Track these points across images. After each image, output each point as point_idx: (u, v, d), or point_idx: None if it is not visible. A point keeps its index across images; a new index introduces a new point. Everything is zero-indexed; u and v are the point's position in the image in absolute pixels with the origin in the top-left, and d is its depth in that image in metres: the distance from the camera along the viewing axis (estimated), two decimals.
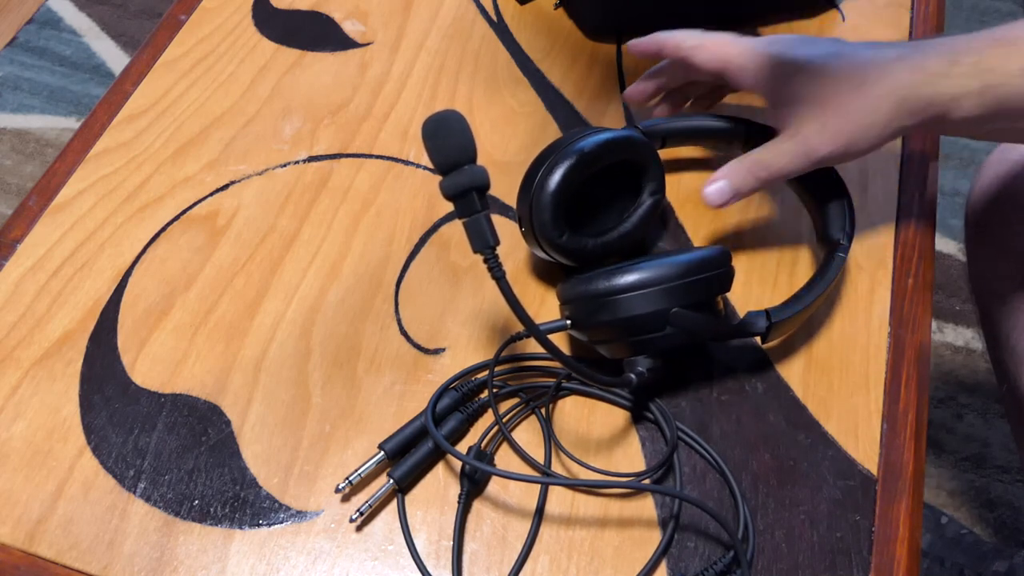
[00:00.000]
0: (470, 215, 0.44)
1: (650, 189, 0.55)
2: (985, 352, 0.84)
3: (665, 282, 0.47)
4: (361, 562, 0.47)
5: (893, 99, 0.48)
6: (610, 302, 0.47)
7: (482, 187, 0.44)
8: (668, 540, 0.47)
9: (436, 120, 0.44)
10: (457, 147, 0.44)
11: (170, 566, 0.47)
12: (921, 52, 0.48)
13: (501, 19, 0.71)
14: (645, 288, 0.47)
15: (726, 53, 0.53)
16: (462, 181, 0.43)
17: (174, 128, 0.64)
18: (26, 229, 0.59)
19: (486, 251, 0.44)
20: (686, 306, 0.47)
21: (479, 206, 0.44)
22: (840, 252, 0.53)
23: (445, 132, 0.44)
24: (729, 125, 0.58)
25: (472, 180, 0.44)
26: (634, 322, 0.47)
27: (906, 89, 0.48)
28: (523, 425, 0.51)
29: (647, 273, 0.47)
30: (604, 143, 0.52)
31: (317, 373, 0.53)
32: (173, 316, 0.56)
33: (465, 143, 0.44)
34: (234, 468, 0.50)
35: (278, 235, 0.59)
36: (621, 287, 0.47)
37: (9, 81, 1.63)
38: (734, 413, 0.51)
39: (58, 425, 0.51)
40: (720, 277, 0.49)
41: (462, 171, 0.44)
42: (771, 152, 0.51)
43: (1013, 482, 1.17)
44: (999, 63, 0.47)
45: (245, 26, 0.71)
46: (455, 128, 0.44)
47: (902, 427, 0.51)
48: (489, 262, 0.44)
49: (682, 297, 0.47)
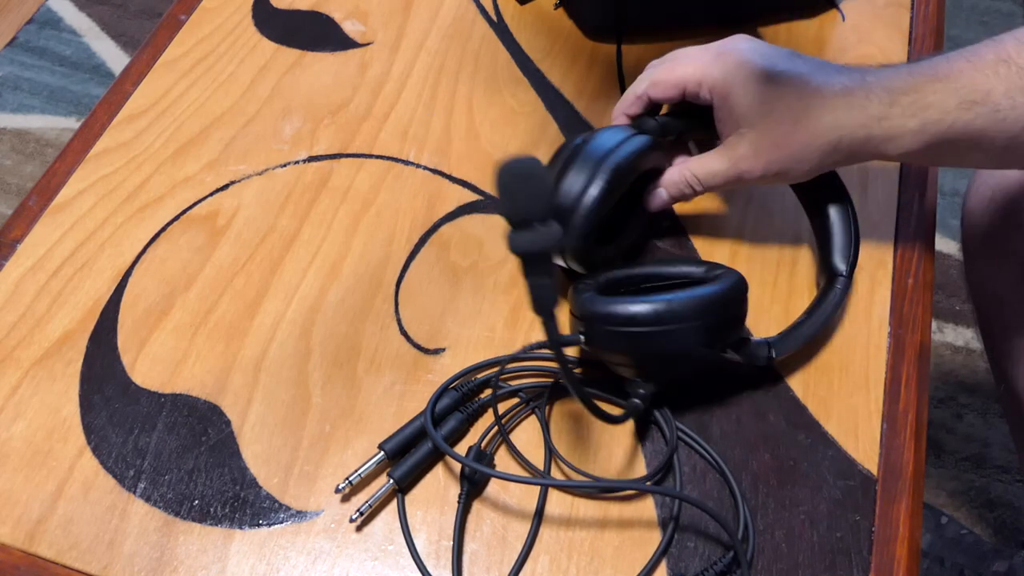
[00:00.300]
0: (537, 276, 0.42)
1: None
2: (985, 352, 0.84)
3: (686, 320, 0.46)
4: (361, 562, 0.47)
5: (830, 138, 0.49)
6: (628, 333, 0.46)
7: (555, 248, 0.43)
8: (668, 540, 0.47)
9: (515, 169, 0.41)
10: (536, 203, 0.41)
11: (170, 566, 0.47)
12: (864, 89, 0.48)
13: (501, 19, 0.71)
14: (665, 325, 0.46)
15: (679, 75, 0.53)
16: (537, 241, 0.41)
17: (174, 128, 0.64)
18: (26, 229, 0.59)
19: (548, 317, 0.42)
20: (702, 344, 0.47)
21: (549, 270, 0.42)
22: (841, 279, 0.53)
23: (524, 183, 0.41)
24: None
25: (547, 243, 0.41)
26: (652, 358, 0.47)
27: (844, 130, 0.48)
28: (523, 425, 0.51)
29: (668, 308, 0.46)
30: (636, 155, 0.52)
31: (317, 373, 0.53)
32: (173, 316, 0.56)
33: (544, 198, 0.41)
34: (234, 468, 0.50)
35: (278, 235, 0.59)
36: (642, 319, 0.46)
37: (9, 81, 1.63)
38: (734, 413, 0.51)
39: (58, 425, 0.51)
40: (737, 316, 0.49)
41: (535, 229, 0.40)
42: (704, 167, 0.53)
43: (1013, 482, 1.17)
44: (937, 99, 0.47)
45: (245, 26, 0.71)
46: (535, 179, 0.41)
47: (902, 427, 0.51)
48: (548, 328, 0.43)
49: (700, 338, 0.47)
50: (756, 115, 0.50)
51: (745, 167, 0.51)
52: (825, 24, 0.70)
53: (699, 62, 0.52)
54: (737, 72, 0.50)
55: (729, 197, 0.60)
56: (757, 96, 0.50)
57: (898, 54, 0.67)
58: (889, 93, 0.48)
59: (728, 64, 0.51)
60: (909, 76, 0.48)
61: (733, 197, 0.60)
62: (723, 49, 0.52)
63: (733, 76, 0.50)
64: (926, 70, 0.48)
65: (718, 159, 0.52)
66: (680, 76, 0.52)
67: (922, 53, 0.68)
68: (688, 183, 0.53)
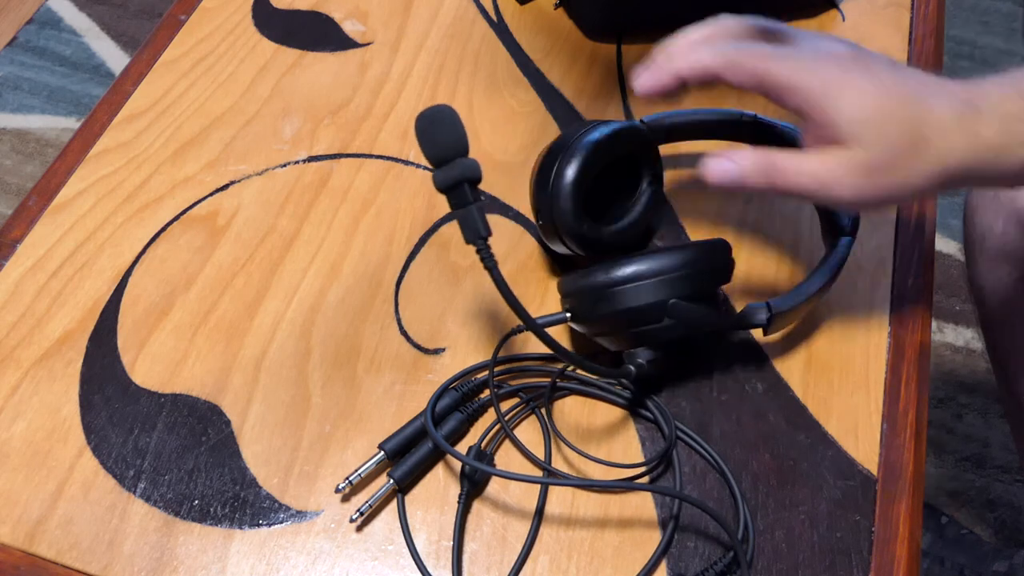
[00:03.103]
0: (462, 207, 0.45)
1: (648, 180, 0.55)
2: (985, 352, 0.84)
3: (663, 273, 0.47)
4: (361, 562, 0.47)
5: (941, 169, 0.44)
6: (609, 293, 0.48)
7: (473, 179, 0.45)
8: (668, 540, 0.47)
9: (428, 115, 0.46)
10: (449, 141, 0.45)
11: (170, 566, 0.47)
12: (977, 114, 0.44)
13: (501, 19, 0.71)
14: (643, 279, 0.47)
15: (765, 69, 0.46)
16: (454, 174, 0.44)
17: (174, 128, 0.64)
18: (26, 229, 0.59)
19: (478, 242, 0.45)
20: (684, 297, 0.47)
21: (471, 197, 0.45)
22: (845, 238, 0.52)
23: (437, 126, 0.45)
24: (735, 120, 0.58)
25: (463, 172, 0.44)
26: (632, 313, 0.48)
27: (958, 160, 0.44)
28: (523, 425, 0.51)
29: (645, 264, 0.48)
30: (615, 133, 0.52)
31: (317, 373, 0.53)
32: (173, 316, 0.56)
33: (457, 137, 0.45)
34: (234, 468, 0.50)
35: (278, 235, 0.59)
36: (620, 279, 0.48)
37: (9, 81, 1.63)
38: (734, 413, 0.51)
39: (58, 425, 0.51)
40: (719, 268, 0.49)
41: (454, 164, 0.45)
42: (794, 164, 0.46)
43: (1013, 482, 1.17)
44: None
45: (245, 26, 0.71)
46: (447, 122, 0.45)
47: (902, 427, 0.51)
48: (481, 252, 0.45)
49: (680, 288, 0.47)
50: (866, 132, 0.44)
51: (846, 182, 0.44)
52: (825, 24, 0.70)
53: (794, 63, 0.45)
54: (840, 83, 0.44)
55: (730, 195, 0.60)
56: (866, 112, 0.44)
57: (898, 54, 0.67)
58: (1004, 121, 0.43)
59: (831, 72, 0.45)
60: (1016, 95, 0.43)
61: (734, 194, 0.60)
62: (821, 52, 0.46)
63: (835, 89, 0.44)
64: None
65: (815, 162, 0.45)
66: (768, 71, 0.45)
67: (922, 53, 0.68)
68: (765, 171, 0.46)
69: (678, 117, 0.59)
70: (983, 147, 0.44)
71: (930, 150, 0.44)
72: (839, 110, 0.44)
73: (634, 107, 0.65)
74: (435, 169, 0.45)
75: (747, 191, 0.48)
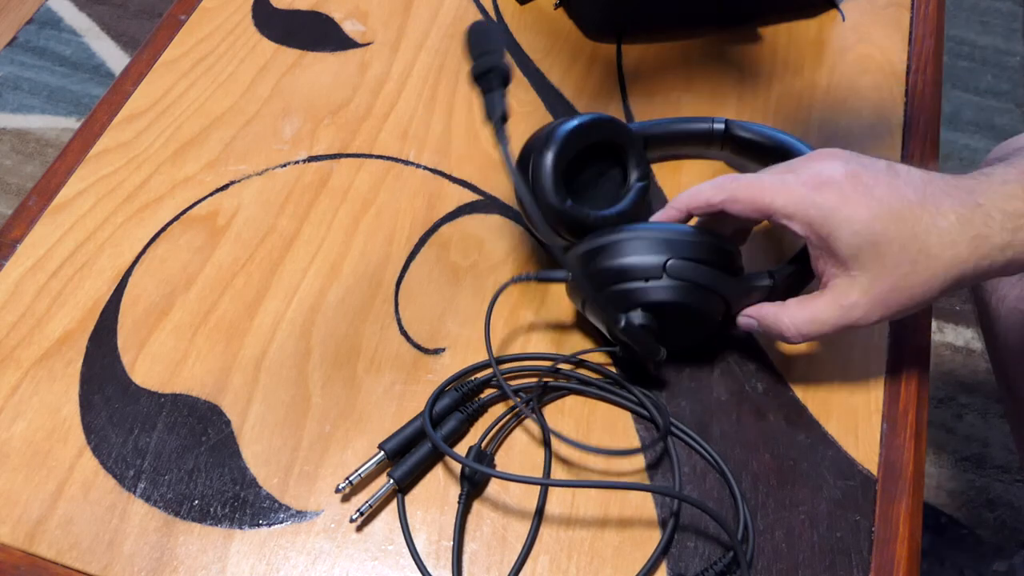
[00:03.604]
0: (489, 90, 0.49)
1: (636, 175, 0.55)
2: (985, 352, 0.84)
3: (666, 234, 0.49)
4: (361, 562, 0.47)
5: (953, 275, 0.45)
6: (608, 247, 0.49)
7: (503, 70, 0.49)
8: (668, 540, 0.47)
9: (478, 25, 0.51)
10: (488, 42, 0.50)
11: (170, 566, 0.47)
12: (981, 215, 0.44)
13: (501, 19, 0.71)
14: (645, 237, 0.49)
15: (764, 202, 0.47)
16: (485, 63, 0.49)
17: (174, 128, 0.64)
18: (26, 229, 0.59)
19: (497, 122, 0.48)
20: (684, 259, 0.48)
21: (497, 84, 0.49)
22: None
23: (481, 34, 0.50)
24: (707, 129, 0.60)
25: (493, 61, 0.49)
26: (631, 268, 0.48)
27: (966, 265, 0.44)
28: (523, 425, 0.51)
29: (648, 226, 0.50)
30: (588, 120, 0.54)
31: (317, 373, 0.53)
32: (173, 316, 0.56)
33: (496, 41, 0.50)
34: (234, 468, 0.50)
35: (278, 235, 0.59)
36: (622, 237, 0.49)
37: (9, 81, 1.63)
38: (734, 413, 0.51)
39: (58, 425, 0.51)
40: (719, 247, 0.49)
41: (490, 56, 0.49)
42: (809, 316, 0.47)
43: (1013, 482, 1.17)
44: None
45: (245, 26, 0.71)
46: (491, 32, 0.52)
47: (902, 427, 0.51)
48: (497, 133, 0.48)
49: (681, 250, 0.48)
50: (867, 258, 0.45)
51: (859, 315, 0.46)
52: (825, 24, 0.70)
53: (791, 194, 0.46)
54: (839, 209, 0.45)
55: None
56: (865, 238, 0.45)
57: (898, 54, 0.67)
58: (1010, 218, 0.44)
59: (828, 200, 0.45)
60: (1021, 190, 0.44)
61: None
62: (818, 178, 0.46)
63: (835, 215, 0.45)
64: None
65: (827, 307, 0.47)
66: (767, 203, 0.47)
67: (922, 53, 0.68)
68: (785, 328, 0.48)
69: (654, 128, 0.60)
70: (992, 248, 0.44)
71: (936, 263, 0.44)
72: (838, 239, 0.45)
73: (634, 107, 0.65)
74: (475, 62, 0.49)
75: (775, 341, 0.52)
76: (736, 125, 0.59)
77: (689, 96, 0.66)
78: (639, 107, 0.65)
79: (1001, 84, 1.58)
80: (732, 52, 0.69)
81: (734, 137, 0.60)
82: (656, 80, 0.67)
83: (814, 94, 0.66)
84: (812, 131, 0.64)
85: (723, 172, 0.62)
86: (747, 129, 0.59)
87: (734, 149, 0.60)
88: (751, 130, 0.59)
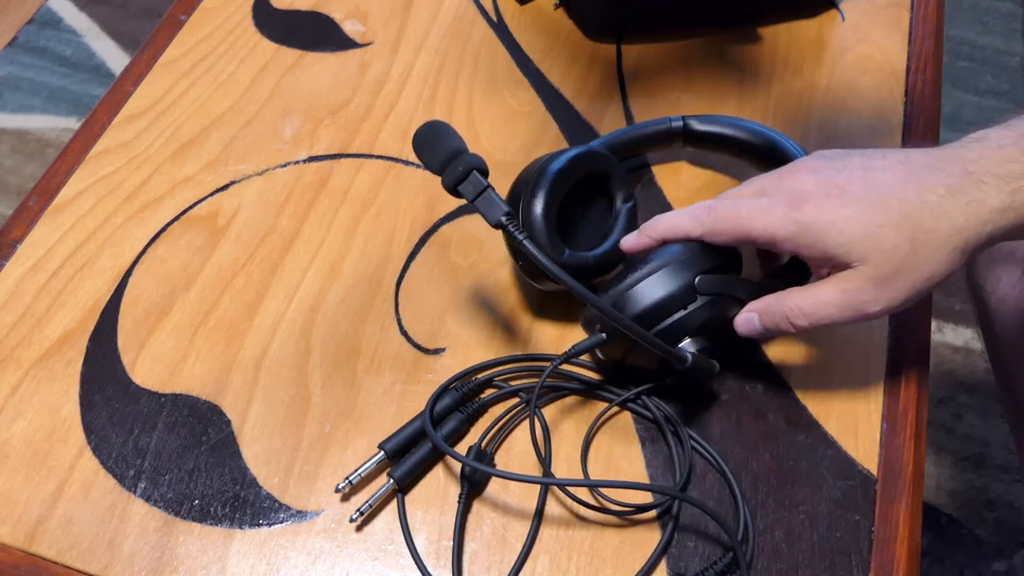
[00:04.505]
0: (478, 194, 0.46)
1: (622, 197, 0.55)
2: (985, 352, 0.84)
3: (681, 256, 0.47)
4: (361, 562, 0.47)
5: (955, 244, 0.44)
6: (634, 293, 0.47)
7: (480, 167, 0.46)
8: (668, 540, 0.47)
9: (422, 131, 0.48)
10: (447, 145, 0.47)
11: (170, 566, 0.47)
12: (973, 182, 0.44)
13: (501, 19, 0.71)
14: (663, 267, 0.47)
15: (744, 230, 0.47)
16: (459, 168, 0.46)
17: (174, 128, 0.64)
18: (26, 229, 0.59)
19: (504, 219, 0.46)
20: (708, 271, 0.47)
21: (484, 183, 0.46)
22: None
23: (433, 137, 0.47)
24: (667, 128, 0.59)
25: (468, 163, 0.46)
26: (665, 302, 0.47)
27: (967, 231, 0.44)
28: (523, 425, 0.51)
29: (662, 256, 0.48)
30: (573, 158, 0.52)
31: (317, 373, 0.53)
32: (173, 316, 0.56)
33: (454, 140, 0.47)
34: (234, 468, 0.50)
35: (278, 235, 0.59)
36: (641, 275, 0.47)
37: (9, 81, 1.63)
38: (734, 413, 0.52)
39: (58, 425, 0.51)
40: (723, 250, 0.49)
41: (457, 161, 0.46)
42: (813, 300, 0.46)
43: (1013, 482, 1.17)
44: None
45: (245, 26, 0.71)
46: (441, 131, 0.47)
47: (902, 427, 0.51)
48: (510, 228, 0.46)
49: (702, 262, 0.47)
50: (864, 250, 0.44)
51: (867, 298, 0.45)
52: (825, 24, 0.70)
53: (769, 216, 0.46)
54: (818, 220, 0.45)
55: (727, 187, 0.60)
56: (856, 233, 0.44)
57: (898, 54, 0.67)
58: (1004, 181, 0.43)
59: (807, 214, 0.45)
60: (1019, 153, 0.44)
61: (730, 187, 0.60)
62: (792, 195, 0.46)
63: (816, 226, 0.45)
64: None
65: (831, 291, 0.46)
66: (747, 231, 0.46)
67: (922, 53, 0.68)
68: (789, 318, 0.46)
69: (618, 137, 0.59)
70: (991, 212, 0.43)
71: (934, 237, 0.44)
72: (829, 244, 0.45)
73: (634, 107, 0.65)
74: (440, 174, 0.46)
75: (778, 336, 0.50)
76: (694, 120, 0.59)
77: (689, 96, 0.66)
78: (639, 107, 0.65)
79: (1001, 84, 1.58)
80: (732, 52, 0.69)
81: (693, 132, 0.59)
82: (656, 80, 0.67)
83: (814, 94, 0.66)
84: (812, 131, 0.64)
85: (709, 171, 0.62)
86: (706, 122, 0.59)
87: (696, 145, 0.60)
88: (710, 122, 0.59)
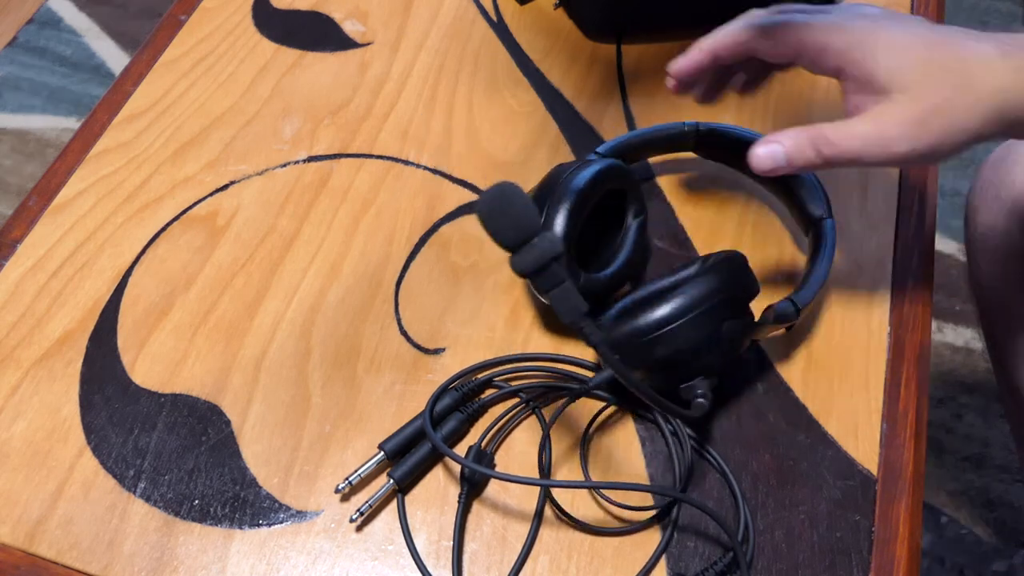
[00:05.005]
0: (553, 287, 0.41)
1: (634, 211, 0.55)
2: (985, 352, 0.84)
3: (709, 298, 0.46)
4: (361, 562, 0.47)
5: (993, 104, 0.43)
6: (663, 335, 0.46)
7: (559, 256, 0.41)
8: (668, 540, 0.47)
9: (492, 196, 0.42)
10: (523, 219, 0.41)
11: (170, 566, 0.47)
12: (1019, 49, 0.43)
13: (501, 19, 0.71)
14: (694, 311, 0.46)
15: (799, 41, 0.46)
16: (535, 255, 0.41)
17: (174, 128, 0.64)
18: (26, 229, 0.59)
19: (581, 320, 0.42)
20: (730, 317, 0.47)
21: (562, 276, 0.41)
22: (828, 220, 0.53)
23: (505, 206, 0.41)
24: (677, 131, 0.58)
25: (547, 251, 0.41)
26: (694, 349, 0.46)
27: (1009, 93, 0.42)
28: (523, 425, 0.51)
29: (687, 296, 0.46)
30: (597, 175, 0.51)
31: (317, 373, 0.53)
32: (173, 316, 0.56)
33: (530, 213, 0.41)
34: (234, 468, 0.50)
35: (278, 235, 0.59)
36: (670, 316, 0.46)
37: (9, 81, 1.63)
38: (734, 413, 0.51)
39: (58, 425, 0.51)
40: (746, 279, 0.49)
41: (533, 245, 0.41)
42: (842, 131, 0.45)
43: (1013, 482, 1.17)
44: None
45: (245, 26, 0.71)
46: (516, 200, 0.42)
47: (902, 427, 0.51)
48: (586, 330, 0.42)
49: (728, 311, 0.47)
50: (909, 79, 0.43)
51: (894, 134, 0.43)
52: None
53: (826, 25, 0.45)
54: (874, 34, 0.43)
55: (730, 195, 0.60)
56: (906, 58, 0.43)
57: None
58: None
59: (864, 27, 0.44)
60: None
61: (734, 195, 0.60)
62: (851, 11, 0.45)
63: (870, 40, 0.43)
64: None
65: (860, 124, 0.44)
66: (800, 37, 0.45)
67: None
68: (815, 145, 0.45)
69: (628, 140, 0.59)
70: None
71: (979, 86, 0.42)
72: (876, 61, 0.43)
73: (634, 108, 0.65)
74: (513, 253, 0.41)
75: (800, 171, 0.47)
76: (706, 126, 0.58)
77: (689, 96, 0.66)
78: (639, 107, 0.65)
79: None
80: None
81: (705, 136, 0.58)
82: (656, 80, 0.67)
83: (814, 94, 0.66)
84: None
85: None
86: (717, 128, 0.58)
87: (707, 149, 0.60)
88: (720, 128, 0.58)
